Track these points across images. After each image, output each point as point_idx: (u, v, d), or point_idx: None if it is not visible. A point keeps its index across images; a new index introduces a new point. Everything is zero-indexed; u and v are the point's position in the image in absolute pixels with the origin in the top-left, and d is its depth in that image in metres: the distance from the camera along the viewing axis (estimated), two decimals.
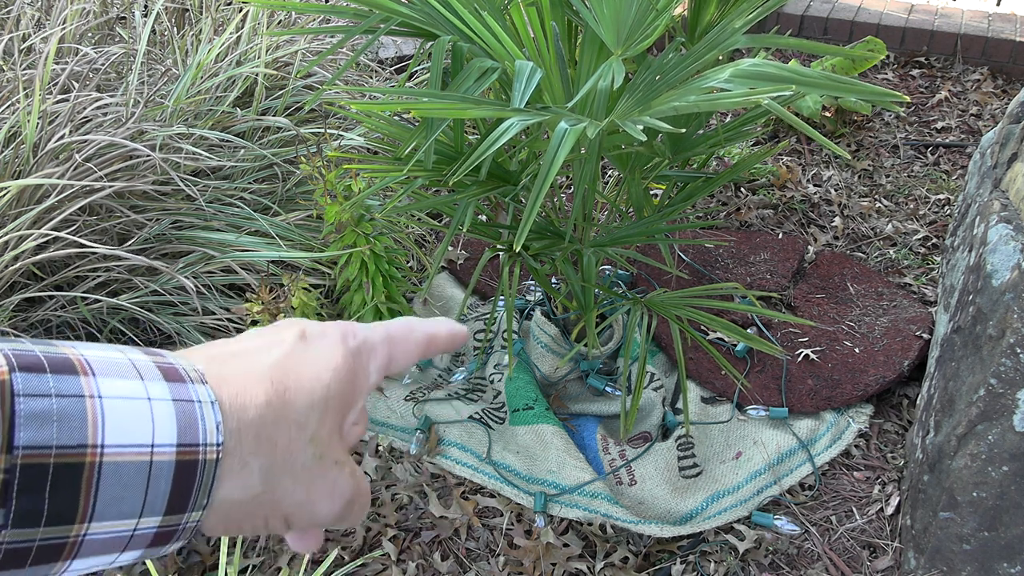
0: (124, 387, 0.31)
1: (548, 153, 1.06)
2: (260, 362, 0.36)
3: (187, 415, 0.32)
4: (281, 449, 0.35)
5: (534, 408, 1.82)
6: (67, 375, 0.30)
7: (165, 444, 0.31)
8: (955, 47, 3.49)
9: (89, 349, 0.32)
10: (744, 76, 1.11)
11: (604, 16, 1.30)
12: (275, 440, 0.34)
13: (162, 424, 0.31)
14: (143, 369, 0.32)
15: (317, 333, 0.39)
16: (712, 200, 2.61)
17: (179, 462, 0.31)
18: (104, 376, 0.31)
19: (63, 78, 1.97)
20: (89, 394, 0.30)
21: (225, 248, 1.91)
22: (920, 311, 2.09)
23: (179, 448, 0.31)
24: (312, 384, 0.36)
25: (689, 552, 1.60)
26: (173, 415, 0.31)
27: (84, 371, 0.30)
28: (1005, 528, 1.38)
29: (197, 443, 0.32)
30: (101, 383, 0.30)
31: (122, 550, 0.32)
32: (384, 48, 3.12)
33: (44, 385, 0.29)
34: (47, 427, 0.28)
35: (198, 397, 0.33)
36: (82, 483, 0.29)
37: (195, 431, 0.32)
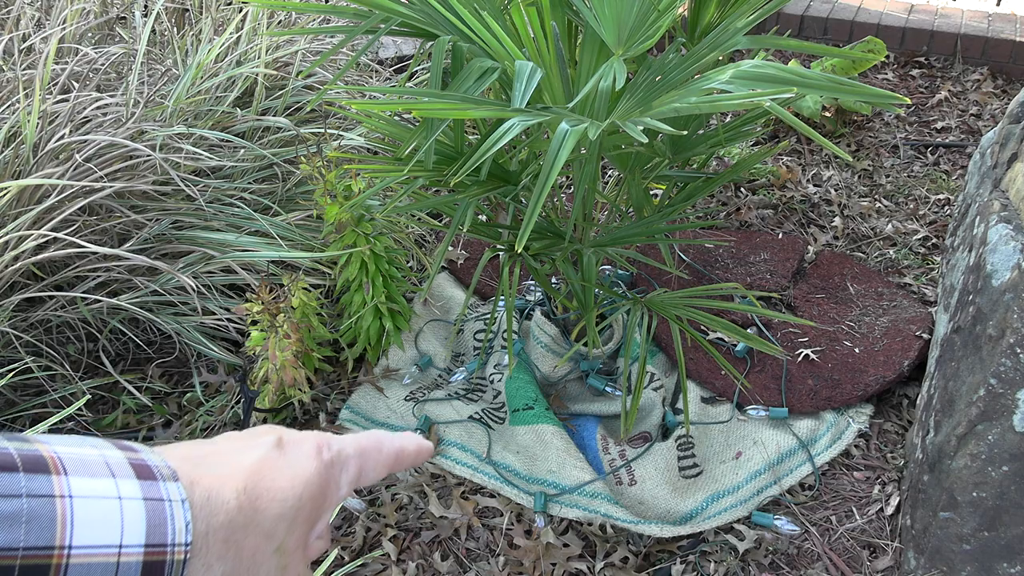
0: (95, 486, 0.31)
1: (549, 154, 1.06)
2: (235, 465, 0.36)
3: (157, 514, 0.32)
4: (247, 556, 0.35)
5: (534, 408, 1.82)
6: (39, 475, 0.30)
7: (133, 545, 0.31)
8: (955, 47, 3.49)
9: (63, 445, 0.32)
10: (745, 77, 1.11)
11: (605, 16, 1.30)
12: (242, 547, 0.35)
13: (131, 524, 0.31)
14: (115, 467, 0.32)
15: (293, 441, 0.39)
16: (712, 200, 2.61)
17: (146, 562, 0.31)
18: (76, 475, 0.31)
19: (63, 78, 1.97)
20: (60, 494, 0.30)
21: (225, 248, 1.91)
22: (920, 311, 2.09)
23: (147, 548, 0.32)
24: (284, 494, 0.36)
25: (689, 552, 1.60)
26: (143, 514, 0.32)
27: (56, 470, 0.31)
28: (1005, 528, 1.38)
29: (165, 543, 0.32)
30: (73, 483, 0.31)
31: None
32: (384, 48, 3.12)
33: (16, 485, 0.29)
34: (16, 529, 0.29)
35: (168, 496, 0.33)
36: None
37: (164, 531, 0.32)
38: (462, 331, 2.10)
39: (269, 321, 1.68)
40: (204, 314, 1.87)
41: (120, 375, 1.85)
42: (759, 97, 0.99)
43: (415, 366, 2.01)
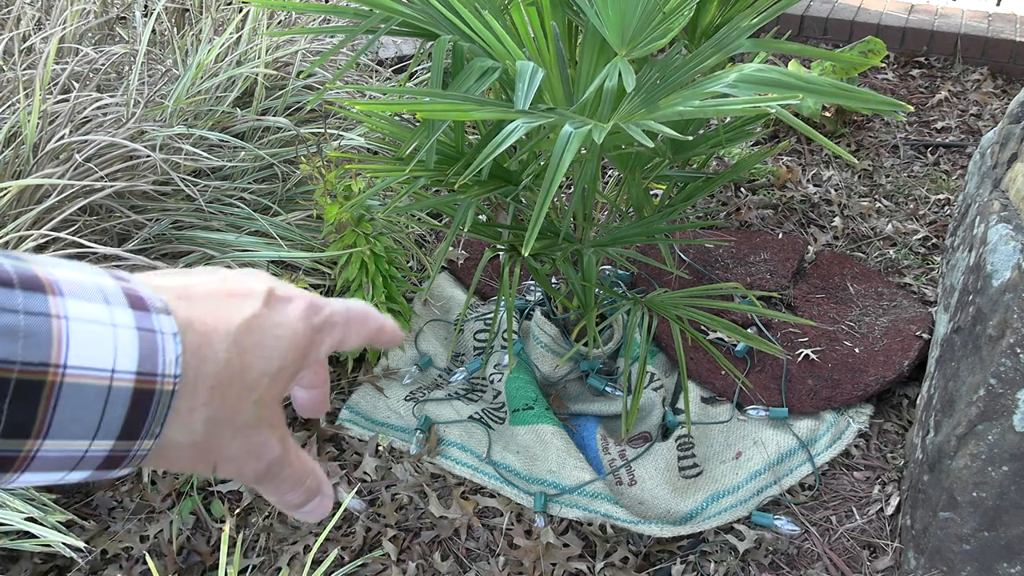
0: (90, 311, 0.31)
1: (553, 157, 1.06)
2: (229, 314, 0.37)
3: (149, 344, 0.32)
4: (229, 404, 0.36)
5: (534, 408, 1.82)
6: (36, 293, 0.30)
7: (125, 371, 0.32)
8: (955, 47, 3.49)
9: (58, 268, 0.32)
10: (748, 81, 1.11)
11: (609, 16, 1.30)
12: (226, 396, 0.36)
13: (124, 351, 0.32)
14: (110, 294, 0.32)
15: (284, 298, 0.39)
16: (712, 200, 2.61)
17: (137, 389, 0.32)
18: (72, 298, 0.31)
19: (63, 78, 1.97)
20: (56, 314, 0.30)
21: (225, 248, 1.91)
22: (920, 311, 2.09)
23: (138, 376, 0.32)
24: (270, 352, 0.37)
25: (689, 552, 1.60)
26: (136, 342, 0.32)
27: (53, 291, 0.31)
28: (1005, 528, 1.38)
29: (156, 372, 0.33)
30: (68, 305, 0.31)
31: (71, 469, 0.32)
32: (384, 48, 3.12)
33: (14, 300, 0.29)
34: (13, 342, 0.29)
35: (160, 328, 0.33)
36: (41, 400, 0.30)
37: (155, 361, 0.33)
38: (462, 331, 2.10)
39: None
40: None
41: None
42: (764, 103, 0.99)
43: (415, 366, 2.01)
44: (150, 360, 0.32)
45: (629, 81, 1.17)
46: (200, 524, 1.62)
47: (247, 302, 0.38)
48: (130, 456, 0.33)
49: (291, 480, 0.40)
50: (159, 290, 0.35)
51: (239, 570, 1.43)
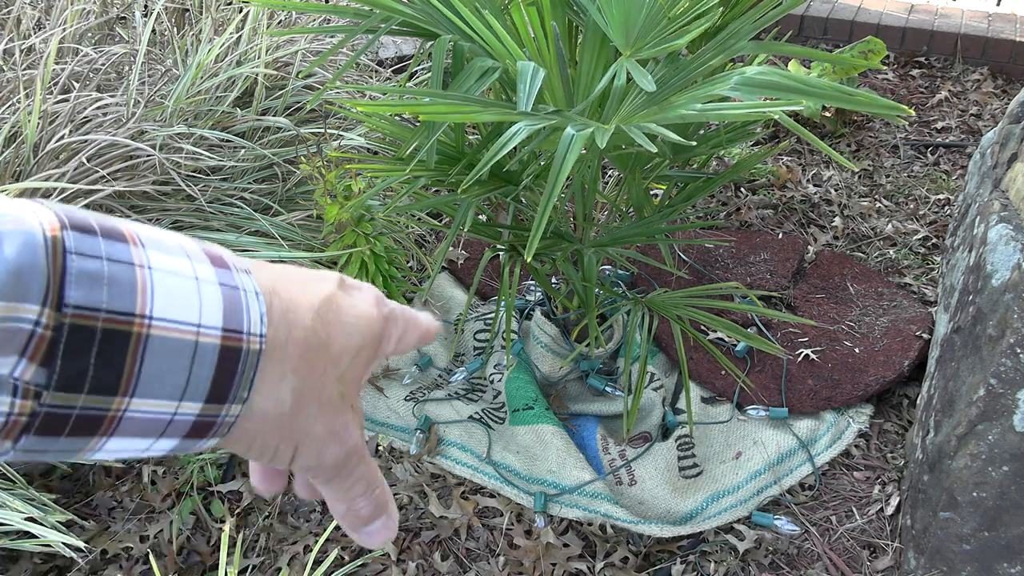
0: (173, 263, 0.30)
1: (555, 160, 1.06)
2: (309, 291, 0.36)
3: (233, 301, 0.31)
4: (316, 376, 0.35)
5: (534, 408, 1.82)
6: (118, 242, 0.29)
7: (211, 326, 0.30)
8: (955, 47, 3.49)
9: (140, 225, 0.31)
10: (750, 84, 1.11)
11: (613, 16, 1.30)
12: (314, 365, 0.34)
13: (209, 305, 0.30)
14: (191, 251, 0.31)
15: (355, 286, 0.39)
16: (712, 200, 2.61)
17: (223, 347, 0.31)
18: (154, 249, 0.30)
19: (63, 78, 1.97)
20: (139, 263, 0.29)
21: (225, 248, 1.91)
22: (920, 311, 2.09)
23: (224, 332, 0.31)
24: (351, 328, 0.37)
25: (689, 552, 1.60)
26: (220, 298, 0.31)
27: (134, 241, 0.29)
28: (1005, 528, 1.38)
29: (242, 330, 0.31)
30: (151, 255, 0.29)
31: (159, 436, 0.31)
32: (384, 48, 3.12)
33: (96, 247, 0.28)
34: (98, 289, 0.27)
35: (243, 286, 0.32)
36: (128, 353, 0.28)
37: (240, 318, 0.31)
38: (462, 331, 2.10)
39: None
40: None
41: None
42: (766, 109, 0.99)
43: (415, 366, 2.01)
44: (235, 317, 0.31)
45: (645, 82, 1.16)
46: (200, 524, 1.62)
47: (323, 284, 0.37)
48: (219, 422, 0.32)
49: (364, 481, 0.38)
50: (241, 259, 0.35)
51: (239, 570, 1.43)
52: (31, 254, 0.26)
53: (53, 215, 0.28)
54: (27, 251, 0.26)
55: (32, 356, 0.27)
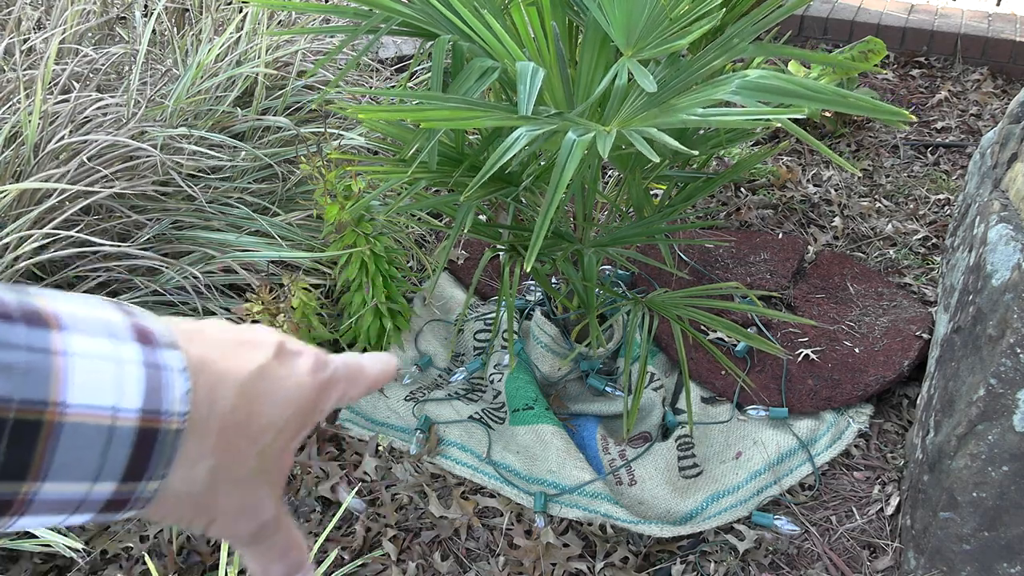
0: (94, 346, 0.30)
1: (556, 166, 1.06)
2: (240, 361, 0.36)
3: (155, 380, 0.31)
4: (232, 455, 0.35)
5: (534, 408, 1.82)
6: (38, 328, 0.29)
7: (129, 408, 0.30)
8: (955, 47, 3.49)
9: (64, 302, 0.31)
10: (751, 88, 1.11)
11: (615, 16, 1.30)
12: (231, 444, 0.34)
13: (128, 387, 0.30)
14: (116, 329, 0.31)
15: (293, 352, 0.38)
16: (712, 200, 2.61)
17: (141, 428, 0.31)
18: (76, 332, 0.30)
19: (64, 78, 1.97)
20: (57, 351, 0.29)
21: (225, 248, 1.91)
22: (920, 311, 2.10)
23: (143, 414, 0.31)
24: (278, 406, 0.36)
25: (689, 552, 1.60)
26: (142, 378, 0.31)
27: (56, 325, 0.29)
28: (1005, 528, 1.38)
29: (161, 411, 0.31)
30: (71, 339, 0.29)
31: (72, 512, 0.31)
32: (384, 48, 3.12)
33: (15, 335, 0.28)
34: (12, 379, 0.28)
35: (167, 364, 0.32)
36: (39, 441, 0.28)
37: (160, 398, 0.31)
38: (462, 331, 2.10)
39: (269, 321, 1.68)
40: (204, 314, 1.87)
41: None
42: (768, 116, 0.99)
43: (415, 366, 2.01)
44: (155, 397, 0.31)
45: (647, 82, 1.16)
46: None
47: (258, 351, 0.37)
48: (134, 499, 0.32)
49: (279, 548, 0.38)
50: (172, 327, 0.34)
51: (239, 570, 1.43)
52: None
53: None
54: None
55: None
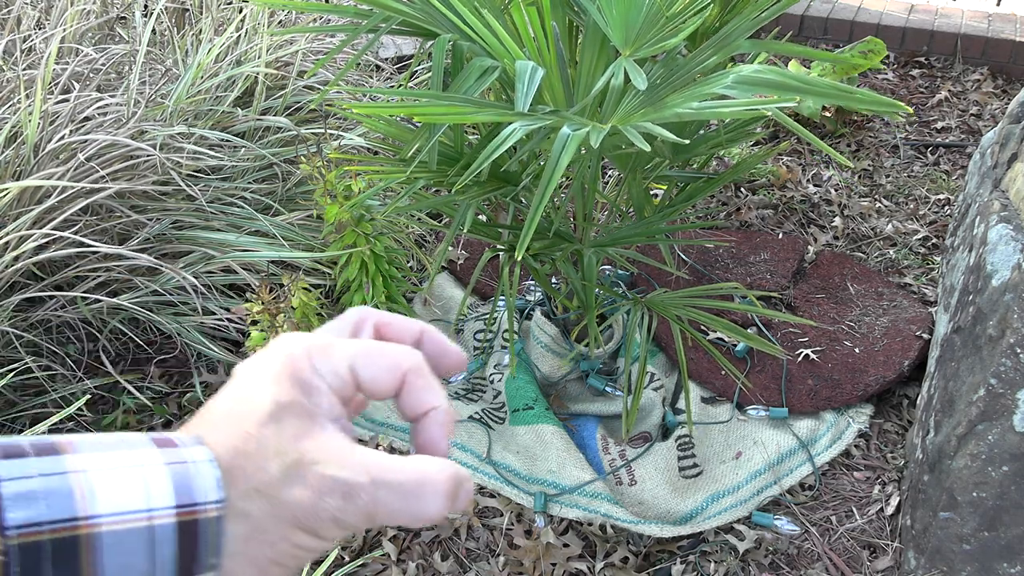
0: (112, 459, 0.31)
1: (550, 160, 1.06)
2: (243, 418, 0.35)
3: (182, 476, 0.31)
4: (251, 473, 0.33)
5: (534, 408, 1.82)
6: (50, 456, 0.30)
7: (163, 507, 0.31)
8: (955, 47, 3.49)
9: (81, 436, 0.32)
10: (747, 83, 1.11)
11: (613, 16, 1.30)
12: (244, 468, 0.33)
13: (157, 488, 0.31)
14: (133, 441, 0.32)
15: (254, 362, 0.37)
16: (712, 200, 2.61)
17: (181, 523, 0.31)
18: (90, 451, 0.31)
19: (64, 78, 1.97)
20: (74, 470, 0.30)
21: (225, 248, 1.91)
22: (920, 311, 2.09)
23: (179, 509, 0.31)
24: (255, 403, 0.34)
25: (689, 552, 1.60)
26: (168, 477, 0.31)
27: (69, 450, 0.30)
28: (1005, 528, 1.38)
29: (196, 503, 0.31)
30: (87, 459, 0.30)
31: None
32: (384, 48, 3.12)
33: (27, 468, 0.29)
34: (35, 505, 0.28)
35: (193, 458, 0.32)
36: (81, 556, 0.29)
37: (192, 491, 0.31)
38: (462, 331, 2.10)
39: (269, 321, 1.68)
40: (204, 314, 1.87)
41: (120, 375, 1.85)
42: (764, 106, 0.99)
43: None
44: (187, 491, 0.31)
45: (639, 80, 1.16)
46: None
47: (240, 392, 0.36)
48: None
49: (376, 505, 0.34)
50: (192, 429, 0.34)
51: None
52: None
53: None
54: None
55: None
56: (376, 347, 0.37)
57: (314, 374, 0.36)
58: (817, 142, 1.05)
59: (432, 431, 0.38)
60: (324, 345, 0.37)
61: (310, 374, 0.36)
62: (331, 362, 0.36)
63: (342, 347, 0.37)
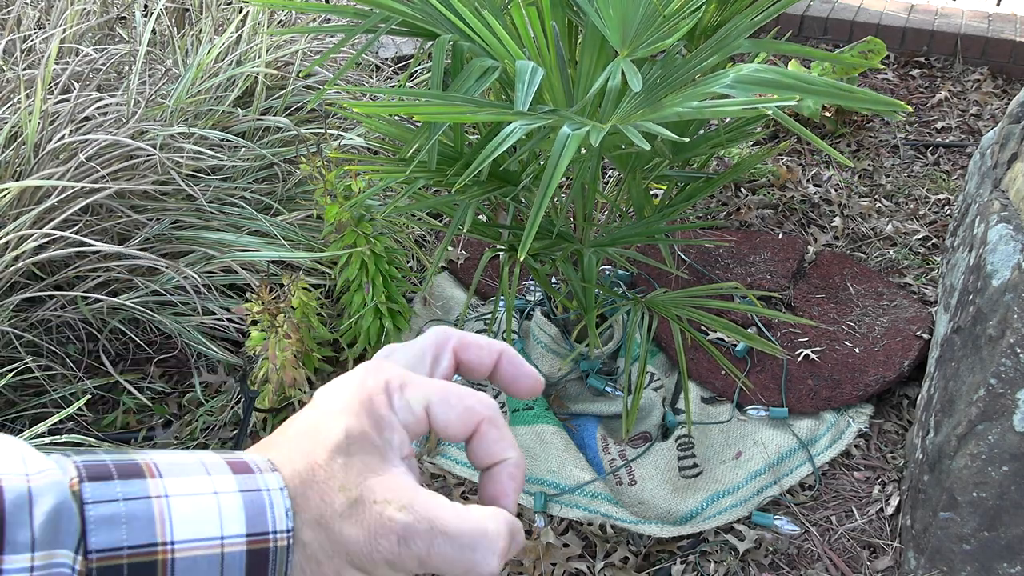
0: (190, 484, 0.32)
1: (551, 160, 1.06)
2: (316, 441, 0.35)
3: (255, 504, 0.32)
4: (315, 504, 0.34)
5: (534, 408, 1.82)
6: (134, 479, 0.31)
7: (234, 535, 0.32)
8: (955, 47, 3.49)
9: (161, 455, 0.33)
10: (747, 82, 1.11)
11: (610, 16, 1.30)
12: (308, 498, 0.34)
13: (230, 515, 0.32)
14: (210, 465, 0.33)
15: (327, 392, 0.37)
16: (712, 200, 2.61)
17: (250, 551, 0.32)
18: (171, 476, 0.32)
19: (64, 78, 1.97)
20: (155, 495, 0.31)
21: (225, 248, 1.91)
22: (920, 311, 2.09)
23: (249, 537, 0.32)
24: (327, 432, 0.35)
25: (689, 552, 1.60)
26: (241, 506, 0.32)
27: (151, 474, 0.32)
28: (1005, 528, 1.38)
29: (267, 531, 0.32)
30: (168, 483, 0.32)
31: None
32: (384, 48, 3.12)
33: (111, 491, 0.31)
34: (117, 529, 0.30)
35: (266, 486, 0.33)
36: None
37: (264, 520, 0.32)
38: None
39: (269, 321, 1.68)
40: (204, 314, 1.87)
41: (120, 375, 1.85)
42: (761, 104, 0.99)
43: None
44: (259, 520, 0.32)
45: (635, 82, 1.16)
46: None
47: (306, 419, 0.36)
48: None
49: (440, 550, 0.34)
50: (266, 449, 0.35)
51: None
52: (64, 507, 0.30)
53: (74, 468, 0.31)
54: (60, 504, 0.30)
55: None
56: (455, 392, 0.37)
57: (389, 409, 0.36)
58: (817, 142, 1.05)
59: (502, 483, 0.38)
60: (403, 382, 0.37)
61: (386, 409, 0.36)
62: (407, 399, 0.36)
63: (421, 386, 0.37)
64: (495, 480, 0.38)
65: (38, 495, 0.29)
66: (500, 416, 0.38)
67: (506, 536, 0.35)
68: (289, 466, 0.34)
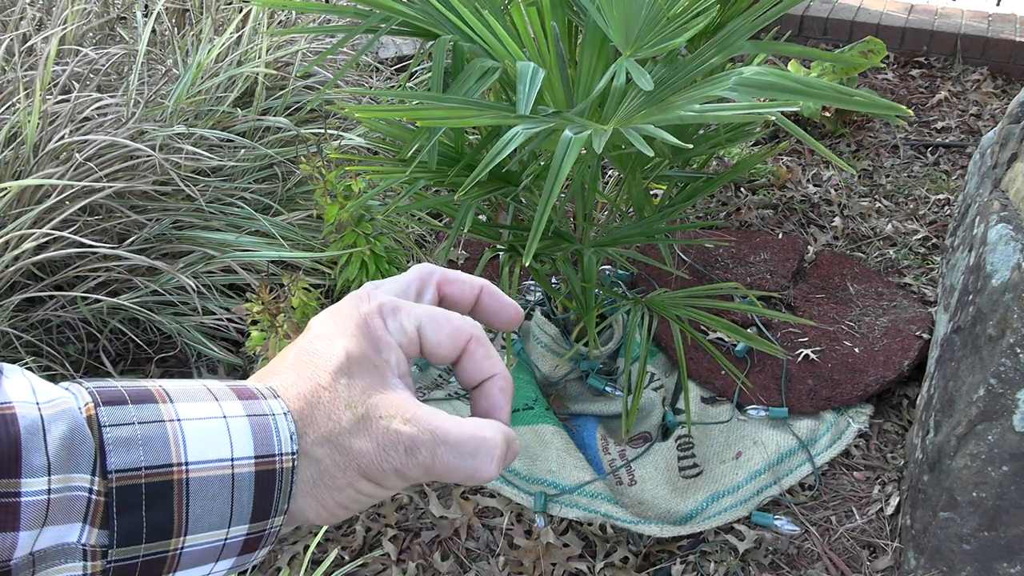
0: (200, 409, 0.33)
1: (553, 163, 1.06)
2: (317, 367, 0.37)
3: (262, 428, 0.34)
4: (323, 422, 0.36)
5: (534, 408, 1.82)
6: (147, 404, 0.33)
7: (244, 457, 0.33)
8: (955, 47, 3.49)
9: (170, 382, 0.34)
10: (748, 85, 1.11)
11: (613, 16, 1.30)
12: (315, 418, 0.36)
13: (239, 439, 0.33)
14: (218, 392, 0.35)
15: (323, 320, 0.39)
16: (712, 200, 2.61)
17: (258, 472, 0.34)
18: (181, 401, 0.33)
19: (64, 79, 1.97)
20: (168, 418, 0.32)
21: (225, 248, 1.91)
22: (920, 311, 2.09)
23: (257, 459, 0.34)
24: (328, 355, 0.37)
25: (689, 552, 1.60)
26: (248, 429, 0.34)
27: (163, 399, 0.33)
28: (1005, 528, 1.38)
29: (273, 454, 0.34)
30: (179, 408, 0.33)
31: (216, 559, 0.34)
32: (384, 48, 3.12)
33: (126, 414, 0.32)
34: (135, 450, 0.31)
35: (271, 411, 0.35)
36: (174, 498, 0.32)
37: (271, 443, 0.34)
38: None
39: (269, 321, 1.68)
40: (204, 314, 1.87)
41: (120, 375, 1.85)
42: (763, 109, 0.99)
43: (415, 366, 2.01)
44: (266, 443, 0.34)
45: (643, 81, 1.16)
46: None
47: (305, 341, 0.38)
48: (266, 535, 0.35)
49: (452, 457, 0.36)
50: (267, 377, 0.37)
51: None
52: (77, 431, 0.31)
53: (88, 395, 0.32)
54: (73, 430, 0.31)
55: (92, 521, 0.31)
56: (442, 314, 0.40)
57: (385, 331, 0.39)
58: (818, 147, 1.05)
59: (494, 396, 0.41)
60: (395, 305, 0.39)
61: (382, 331, 0.38)
62: (400, 321, 0.39)
63: (411, 309, 0.40)
64: (487, 395, 0.41)
65: (50, 422, 0.30)
66: (485, 335, 0.41)
67: (502, 444, 0.37)
68: (293, 389, 0.36)
